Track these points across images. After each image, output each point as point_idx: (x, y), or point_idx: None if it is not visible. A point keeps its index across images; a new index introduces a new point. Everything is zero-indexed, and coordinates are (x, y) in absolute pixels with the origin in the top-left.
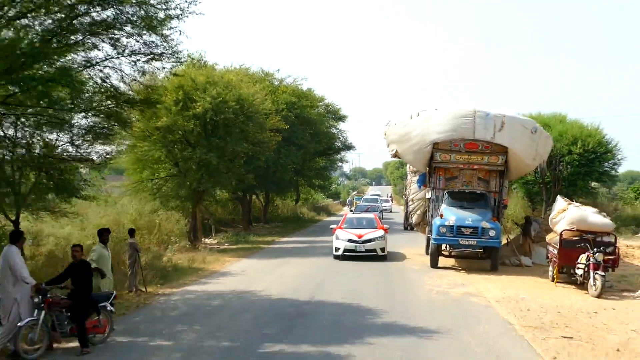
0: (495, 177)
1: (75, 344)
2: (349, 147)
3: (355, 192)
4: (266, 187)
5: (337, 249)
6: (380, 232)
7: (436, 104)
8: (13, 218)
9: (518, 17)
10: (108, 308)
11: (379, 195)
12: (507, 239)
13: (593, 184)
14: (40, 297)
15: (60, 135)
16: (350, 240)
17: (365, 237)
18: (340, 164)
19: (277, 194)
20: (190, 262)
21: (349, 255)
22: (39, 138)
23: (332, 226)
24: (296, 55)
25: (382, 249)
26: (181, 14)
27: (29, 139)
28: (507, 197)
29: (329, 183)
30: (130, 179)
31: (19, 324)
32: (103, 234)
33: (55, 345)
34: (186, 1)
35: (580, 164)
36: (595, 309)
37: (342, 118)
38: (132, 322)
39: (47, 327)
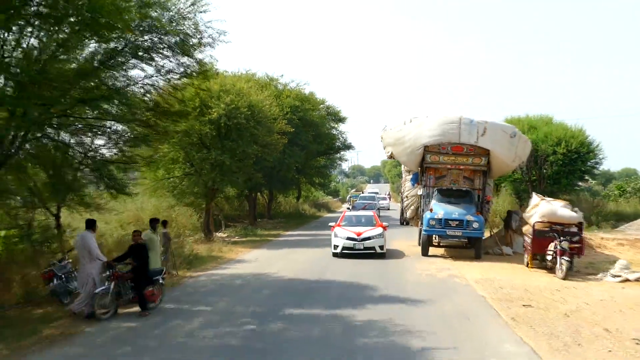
0: (479, 176)
1: (135, 309)
2: (348, 147)
3: (354, 189)
4: (271, 185)
5: (336, 247)
6: (379, 230)
7: (432, 104)
8: (54, 212)
9: (517, 18)
10: (160, 281)
11: (377, 193)
12: (491, 232)
13: (590, 182)
14: (109, 271)
15: (109, 142)
16: (348, 238)
17: (363, 235)
18: (339, 162)
19: (280, 191)
20: (209, 252)
21: (348, 253)
22: (95, 144)
23: (330, 224)
24: (296, 55)
25: (381, 247)
26: (212, 42)
27: (87, 144)
28: (493, 194)
29: (329, 181)
30: (145, 177)
31: (95, 292)
32: (153, 222)
33: (120, 309)
34: (217, 32)
35: (563, 163)
36: (558, 288)
37: (342, 119)
38: (173, 296)
39: (115, 295)
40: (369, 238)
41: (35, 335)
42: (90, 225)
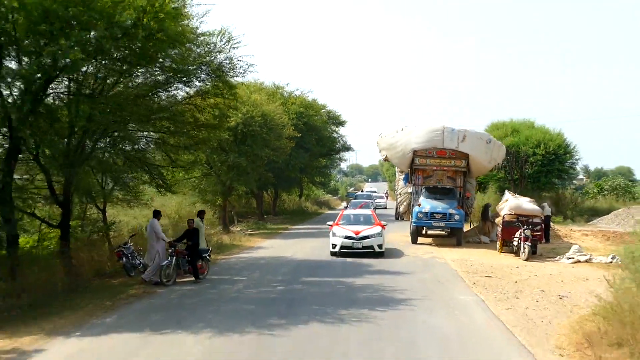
0: (460, 176)
1: (190, 278)
2: (347, 149)
3: (353, 188)
4: (277, 184)
5: (334, 246)
6: (378, 229)
7: (424, 105)
8: (101, 207)
9: (516, 21)
10: (207, 258)
11: (374, 192)
12: (471, 224)
13: (585, 180)
14: (171, 249)
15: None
16: (347, 237)
17: (362, 234)
18: (339, 162)
19: (285, 190)
20: (231, 241)
21: (346, 252)
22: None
23: (329, 223)
24: (294, 56)
25: (380, 246)
26: (243, 72)
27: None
28: (476, 191)
29: (329, 180)
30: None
31: (161, 264)
32: (200, 214)
33: (179, 278)
34: (247, 65)
35: (542, 163)
36: (518, 266)
37: (342, 123)
38: (214, 271)
39: (175, 266)
40: (367, 237)
41: (123, 294)
42: (156, 214)
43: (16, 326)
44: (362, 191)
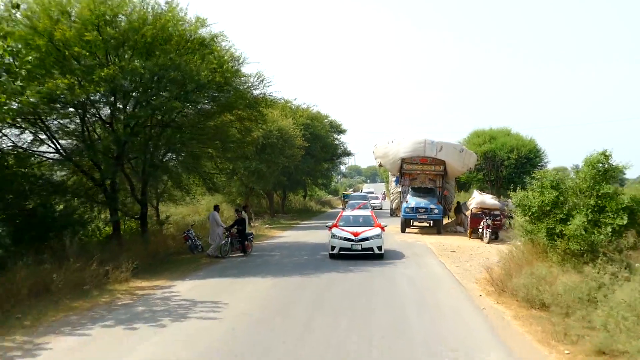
0: (439, 178)
1: (239, 254)
2: (348, 154)
3: (352, 189)
4: (285, 186)
5: (333, 248)
6: (377, 231)
7: (417, 109)
8: (155, 205)
9: (516, 25)
10: (251, 239)
11: (372, 193)
12: (449, 217)
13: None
14: (227, 232)
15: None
16: (346, 239)
17: (361, 236)
18: (340, 165)
19: (291, 190)
20: (256, 232)
21: (345, 254)
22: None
23: (327, 224)
24: (296, 67)
25: (379, 248)
26: (272, 104)
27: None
28: (455, 191)
29: (330, 182)
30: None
31: (221, 243)
32: (245, 208)
33: (231, 254)
34: (276, 98)
35: (516, 166)
36: (479, 246)
37: (342, 131)
38: (254, 249)
39: (230, 245)
40: (367, 239)
41: (195, 264)
42: (216, 208)
43: (146, 277)
44: (361, 191)
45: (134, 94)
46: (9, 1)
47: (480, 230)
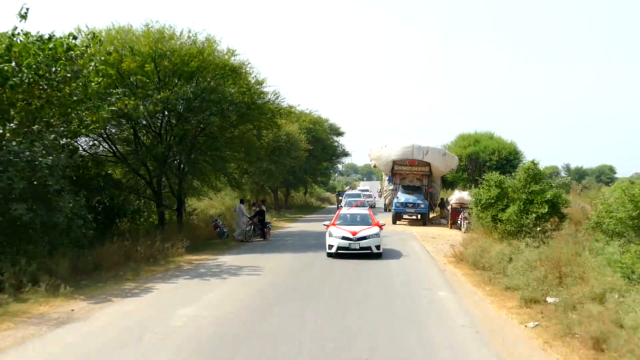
0: (425, 178)
1: (259, 239)
2: (346, 154)
3: (348, 187)
4: (288, 184)
5: (331, 247)
6: (376, 229)
7: (408, 111)
8: (183, 199)
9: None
10: (269, 227)
11: (367, 191)
12: (435, 212)
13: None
14: (251, 221)
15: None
16: (344, 238)
17: (359, 235)
18: (338, 165)
19: (294, 188)
20: None
21: (343, 253)
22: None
23: (324, 223)
24: (291, 65)
25: (377, 247)
26: (286, 116)
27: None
28: (441, 189)
29: (328, 179)
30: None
31: (245, 229)
32: (263, 202)
33: (253, 239)
34: (288, 111)
35: (497, 167)
36: (456, 235)
37: (341, 134)
38: (268, 240)
39: (252, 231)
40: (365, 237)
41: (227, 245)
42: (242, 201)
43: (194, 253)
44: (355, 189)
45: (181, 111)
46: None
47: (459, 221)
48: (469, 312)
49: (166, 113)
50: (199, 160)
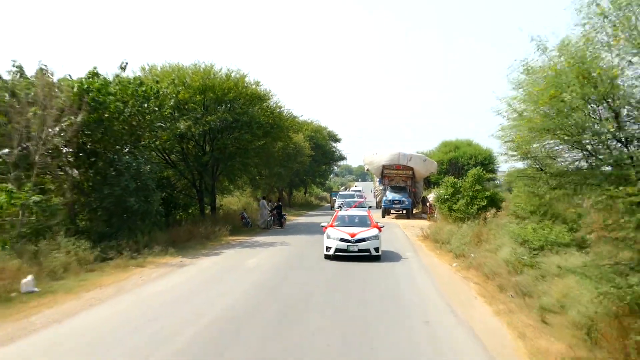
0: (409, 179)
1: (278, 227)
2: (342, 158)
3: (344, 187)
4: (294, 185)
5: (328, 249)
6: (375, 231)
7: (400, 114)
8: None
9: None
10: (285, 217)
11: (359, 191)
12: (418, 208)
13: None
14: (271, 212)
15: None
16: (342, 240)
17: (358, 237)
18: (335, 167)
19: (295, 188)
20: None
21: (341, 256)
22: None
23: (322, 224)
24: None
25: (376, 249)
26: (298, 130)
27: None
28: (422, 189)
29: (325, 180)
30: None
31: (267, 219)
32: (280, 199)
33: (273, 227)
34: (300, 126)
35: None
36: (432, 225)
37: (338, 140)
38: (285, 228)
39: (272, 221)
40: (363, 240)
41: (254, 231)
42: (264, 198)
43: (233, 235)
44: (349, 190)
45: (221, 130)
46: (153, 78)
47: (435, 215)
48: (422, 261)
49: (209, 131)
50: (231, 166)
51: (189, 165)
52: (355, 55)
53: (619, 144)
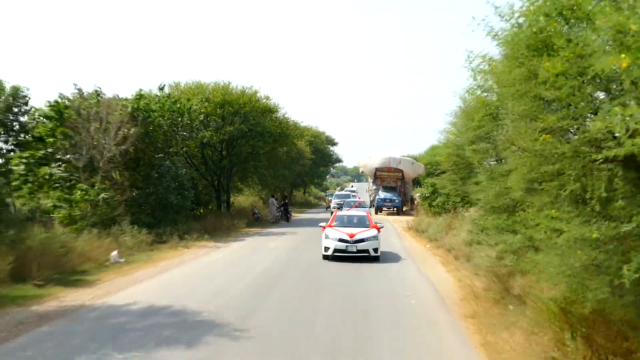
0: (399, 181)
1: (285, 222)
2: (339, 161)
3: (339, 187)
4: (295, 185)
5: (327, 249)
6: (374, 232)
7: (393, 116)
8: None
9: None
10: (291, 213)
11: (354, 192)
12: (408, 206)
13: None
14: (279, 209)
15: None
16: (341, 240)
17: (357, 237)
18: (332, 169)
19: (296, 188)
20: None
21: (339, 256)
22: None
23: (321, 224)
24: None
25: (375, 250)
26: (302, 137)
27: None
28: (411, 188)
29: (322, 181)
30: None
31: (276, 215)
32: (285, 197)
33: (281, 221)
34: (304, 133)
35: None
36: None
37: (335, 144)
38: (290, 222)
39: (280, 215)
40: (362, 240)
41: (265, 225)
42: (273, 196)
43: (248, 228)
44: (343, 190)
45: (237, 138)
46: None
47: (421, 212)
48: (404, 243)
49: (227, 139)
50: (245, 168)
51: (209, 168)
52: (355, 55)
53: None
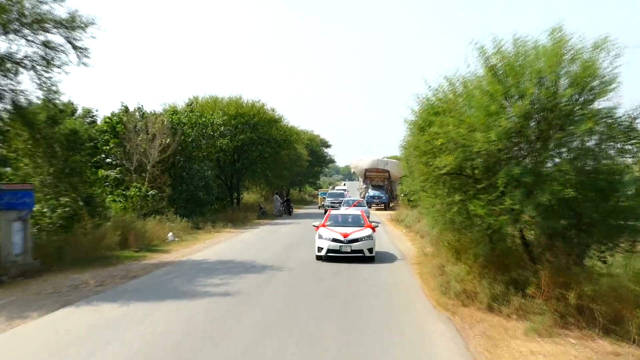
0: (386, 180)
1: (287, 216)
2: (332, 161)
3: (332, 186)
4: (292, 184)
5: (320, 249)
6: (368, 232)
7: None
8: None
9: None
10: (292, 208)
11: (345, 191)
12: (394, 204)
13: None
14: (283, 204)
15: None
16: (334, 240)
17: (351, 237)
18: (326, 169)
19: (292, 187)
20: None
21: (333, 256)
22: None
23: (314, 224)
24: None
25: (370, 250)
26: (300, 142)
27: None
28: (397, 187)
29: (316, 180)
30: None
31: (280, 209)
32: (287, 194)
33: (284, 215)
34: (305, 137)
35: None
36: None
37: (329, 146)
38: (292, 215)
39: (283, 210)
40: (356, 240)
41: (271, 218)
42: (277, 193)
43: (258, 220)
44: (335, 189)
45: (248, 144)
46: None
47: (400, 206)
48: (385, 228)
49: (240, 146)
50: (253, 170)
51: (223, 170)
52: (354, 55)
53: None
